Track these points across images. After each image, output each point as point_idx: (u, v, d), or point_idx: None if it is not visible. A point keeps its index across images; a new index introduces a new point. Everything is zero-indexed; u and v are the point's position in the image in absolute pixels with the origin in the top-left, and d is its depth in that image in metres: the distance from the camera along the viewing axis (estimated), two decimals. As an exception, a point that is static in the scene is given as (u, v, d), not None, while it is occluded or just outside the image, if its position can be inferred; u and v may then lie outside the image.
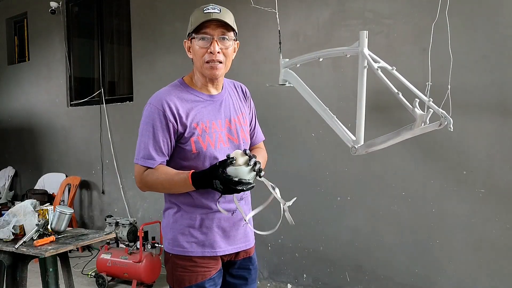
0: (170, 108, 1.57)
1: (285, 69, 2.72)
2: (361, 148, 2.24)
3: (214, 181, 1.45)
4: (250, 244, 1.76)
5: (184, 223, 1.63)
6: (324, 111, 2.44)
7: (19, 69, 6.47)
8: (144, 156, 1.58)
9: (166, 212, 1.70)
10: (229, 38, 1.59)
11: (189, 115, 1.59)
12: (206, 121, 1.62)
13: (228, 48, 1.59)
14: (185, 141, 1.59)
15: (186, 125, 1.58)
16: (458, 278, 2.88)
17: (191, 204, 1.63)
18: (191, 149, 1.59)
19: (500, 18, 2.70)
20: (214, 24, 1.55)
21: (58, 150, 5.85)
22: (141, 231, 3.77)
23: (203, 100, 1.64)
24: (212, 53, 1.56)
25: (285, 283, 3.72)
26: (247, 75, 3.75)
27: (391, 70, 2.18)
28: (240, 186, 1.43)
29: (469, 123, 2.79)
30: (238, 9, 3.86)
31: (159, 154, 1.58)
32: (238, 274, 1.76)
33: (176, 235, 1.63)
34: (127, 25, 5.01)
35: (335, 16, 3.36)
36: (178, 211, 1.65)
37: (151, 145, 1.57)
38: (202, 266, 1.62)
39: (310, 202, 3.53)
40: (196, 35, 1.57)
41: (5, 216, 2.73)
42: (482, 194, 2.78)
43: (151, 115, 1.58)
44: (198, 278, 1.61)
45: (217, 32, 1.56)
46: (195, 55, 1.61)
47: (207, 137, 1.60)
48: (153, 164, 1.58)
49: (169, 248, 1.65)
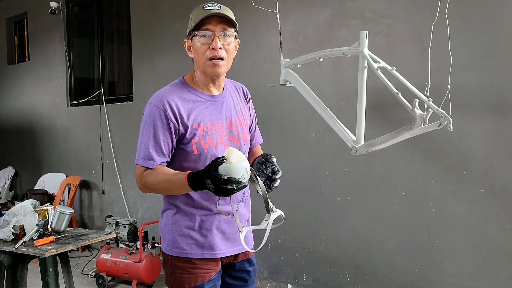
0: (172, 108, 1.55)
1: (285, 69, 2.72)
2: (361, 148, 2.24)
3: (206, 181, 1.37)
4: (249, 247, 1.74)
5: (184, 225, 1.61)
6: (324, 111, 2.44)
7: (19, 69, 6.47)
8: (144, 156, 1.55)
9: (164, 213, 1.68)
10: (231, 34, 1.58)
11: (191, 116, 1.57)
12: (207, 122, 1.60)
13: (230, 44, 1.58)
14: (186, 142, 1.57)
15: (188, 126, 1.56)
16: (458, 278, 2.88)
17: (191, 206, 1.61)
18: (192, 150, 1.57)
19: (500, 18, 2.70)
20: (215, 20, 1.54)
21: (58, 150, 5.85)
22: (141, 231, 3.77)
23: (204, 101, 1.62)
24: (214, 49, 1.54)
25: (285, 283, 3.72)
26: (247, 75, 3.75)
27: (391, 70, 2.18)
28: (230, 185, 1.34)
29: (469, 123, 2.79)
30: (238, 9, 3.85)
31: (159, 154, 1.55)
32: (238, 275, 1.74)
33: (175, 236, 1.62)
34: (127, 25, 5.01)
35: (335, 16, 3.36)
36: (177, 213, 1.63)
37: (151, 146, 1.54)
38: (201, 268, 1.61)
39: (310, 202, 3.53)
40: (197, 32, 1.56)
41: (5, 216, 2.73)
42: (482, 194, 2.78)
43: (152, 115, 1.56)
44: (198, 280, 1.60)
45: (218, 28, 1.55)
46: (196, 53, 1.59)
47: (208, 138, 1.58)
48: (152, 165, 1.55)
49: (168, 250, 1.64)
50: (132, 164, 4.92)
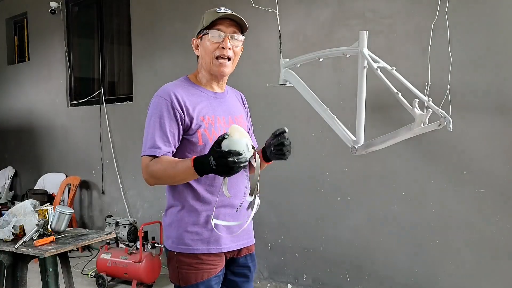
0: (178, 99, 1.60)
1: (285, 69, 2.72)
2: (360, 148, 2.24)
3: (209, 158, 1.40)
4: (252, 241, 1.79)
5: (189, 221, 1.63)
6: (324, 111, 2.44)
7: (19, 69, 6.47)
8: (150, 146, 1.58)
9: (168, 211, 1.70)
10: (239, 38, 1.68)
11: (196, 108, 1.63)
12: (211, 116, 1.66)
13: (237, 47, 1.68)
14: (192, 133, 1.62)
15: (193, 117, 1.62)
16: (458, 278, 2.88)
17: (196, 200, 1.63)
18: (197, 141, 1.62)
19: (500, 18, 2.70)
20: (227, 23, 1.65)
21: (58, 150, 5.85)
22: (141, 231, 3.77)
23: (207, 96, 1.70)
24: (224, 48, 1.63)
25: (285, 283, 3.72)
26: (247, 75, 3.75)
27: (391, 70, 2.18)
28: (231, 157, 1.36)
29: (469, 123, 2.79)
30: (238, 9, 3.84)
31: (166, 144, 1.58)
32: (239, 271, 1.77)
33: (181, 233, 1.64)
34: (127, 25, 5.01)
35: (335, 16, 3.36)
36: (182, 209, 1.65)
37: (158, 135, 1.58)
38: (207, 264, 1.63)
39: (310, 202, 3.53)
40: (209, 30, 1.64)
41: (5, 216, 2.73)
42: (482, 194, 2.78)
43: (158, 106, 1.61)
44: (204, 275, 1.62)
45: (229, 30, 1.65)
46: (204, 51, 1.66)
47: (213, 130, 1.64)
48: (158, 153, 1.57)
49: (174, 247, 1.65)
50: (132, 164, 4.96)
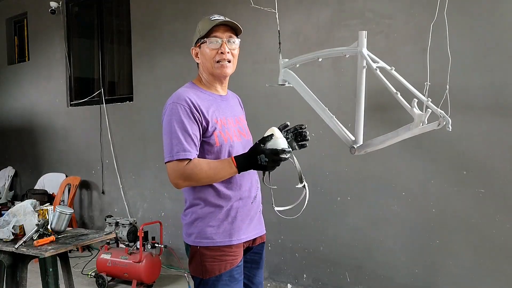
0: (193, 104, 1.70)
1: (284, 69, 2.71)
2: (359, 148, 2.24)
3: (259, 157, 1.61)
4: (264, 230, 1.95)
5: (212, 216, 1.74)
6: (323, 111, 2.44)
7: (19, 69, 6.47)
8: (179, 150, 1.66)
9: (189, 210, 1.79)
10: (236, 41, 1.80)
11: (209, 111, 1.73)
12: (222, 117, 1.78)
13: (235, 49, 1.81)
14: (209, 135, 1.72)
15: (208, 120, 1.71)
16: (458, 278, 2.88)
17: (217, 197, 1.73)
18: (214, 143, 1.72)
19: (500, 18, 2.70)
20: (222, 29, 1.77)
21: (58, 150, 5.85)
22: (141, 231, 3.77)
23: (215, 99, 1.81)
24: (223, 53, 1.75)
25: (285, 283, 3.72)
26: (247, 75, 3.75)
27: (390, 70, 2.17)
28: (284, 154, 1.61)
29: (469, 123, 2.79)
30: (238, 9, 3.86)
31: (193, 147, 1.68)
32: (251, 258, 1.90)
33: (203, 228, 1.74)
34: (127, 25, 5.01)
35: (335, 16, 3.36)
36: (204, 207, 1.75)
37: (185, 140, 1.66)
38: (230, 255, 1.74)
39: (310, 202, 3.52)
40: (207, 39, 1.76)
41: (5, 216, 2.73)
42: (482, 194, 2.78)
43: (177, 113, 1.68)
44: (227, 266, 1.73)
45: (225, 35, 1.77)
46: (205, 57, 1.78)
47: (226, 131, 1.76)
48: (191, 156, 1.66)
49: (197, 242, 1.75)
50: (132, 164, 4.95)
